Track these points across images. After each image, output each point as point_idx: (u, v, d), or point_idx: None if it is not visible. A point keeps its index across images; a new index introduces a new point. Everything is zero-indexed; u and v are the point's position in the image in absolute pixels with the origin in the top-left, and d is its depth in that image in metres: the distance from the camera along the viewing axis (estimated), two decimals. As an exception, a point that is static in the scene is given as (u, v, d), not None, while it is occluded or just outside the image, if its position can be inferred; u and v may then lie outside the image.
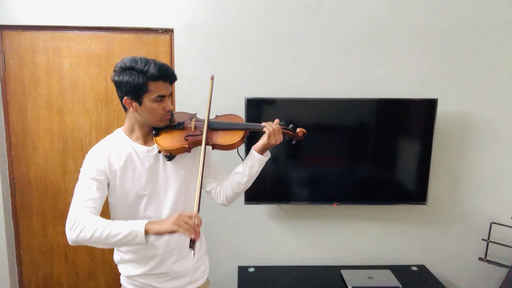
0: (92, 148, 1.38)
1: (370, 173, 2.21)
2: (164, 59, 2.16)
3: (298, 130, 1.50)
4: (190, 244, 1.17)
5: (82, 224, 1.20)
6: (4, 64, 2.16)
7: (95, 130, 2.23)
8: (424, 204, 2.20)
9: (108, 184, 1.36)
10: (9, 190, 2.27)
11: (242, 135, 1.41)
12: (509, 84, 2.21)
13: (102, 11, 2.10)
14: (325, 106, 2.12)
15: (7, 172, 2.25)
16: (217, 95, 2.11)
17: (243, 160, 1.48)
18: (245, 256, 2.34)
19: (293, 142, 1.51)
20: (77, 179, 1.27)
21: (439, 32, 2.17)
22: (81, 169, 1.34)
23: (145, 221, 1.19)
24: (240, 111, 2.03)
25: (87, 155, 1.36)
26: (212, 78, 1.48)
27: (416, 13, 2.15)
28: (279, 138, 1.40)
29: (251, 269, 2.26)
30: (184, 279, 1.50)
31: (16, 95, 2.19)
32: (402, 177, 2.21)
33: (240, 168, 1.45)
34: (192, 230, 1.15)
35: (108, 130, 2.22)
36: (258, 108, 2.10)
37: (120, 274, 1.52)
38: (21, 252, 2.34)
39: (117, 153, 1.36)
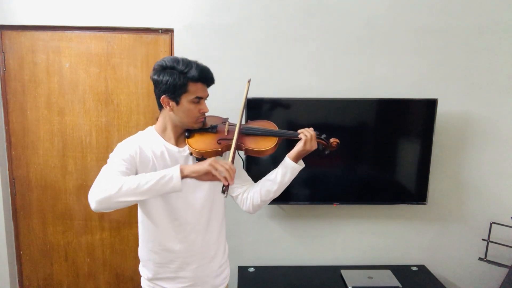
0: (125, 140, 1.39)
1: (370, 173, 2.21)
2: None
3: (331, 140, 1.45)
4: (222, 189, 1.20)
5: (106, 184, 1.18)
6: (4, 64, 2.16)
7: (95, 130, 2.23)
8: (424, 204, 2.20)
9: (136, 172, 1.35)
10: (9, 190, 2.27)
11: (276, 142, 1.40)
12: (509, 84, 2.21)
13: (102, 11, 2.10)
14: (325, 106, 2.12)
15: (7, 172, 2.25)
16: (216, 95, 2.11)
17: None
18: (245, 256, 2.33)
19: (326, 152, 1.47)
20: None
21: (439, 32, 2.17)
22: (110, 155, 1.33)
23: (178, 165, 1.20)
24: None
25: (119, 144, 1.37)
26: (249, 81, 1.49)
27: (416, 13, 2.15)
28: (314, 145, 1.38)
29: (251, 269, 2.26)
30: (204, 285, 1.49)
31: (16, 95, 2.19)
32: (402, 177, 2.21)
33: (271, 176, 1.44)
34: (227, 174, 1.17)
35: (108, 130, 2.23)
36: (258, 108, 2.09)
37: (135, 277, 1.51)
38: (21, 252, 2.34)
39: (149, 147, 1.36)
